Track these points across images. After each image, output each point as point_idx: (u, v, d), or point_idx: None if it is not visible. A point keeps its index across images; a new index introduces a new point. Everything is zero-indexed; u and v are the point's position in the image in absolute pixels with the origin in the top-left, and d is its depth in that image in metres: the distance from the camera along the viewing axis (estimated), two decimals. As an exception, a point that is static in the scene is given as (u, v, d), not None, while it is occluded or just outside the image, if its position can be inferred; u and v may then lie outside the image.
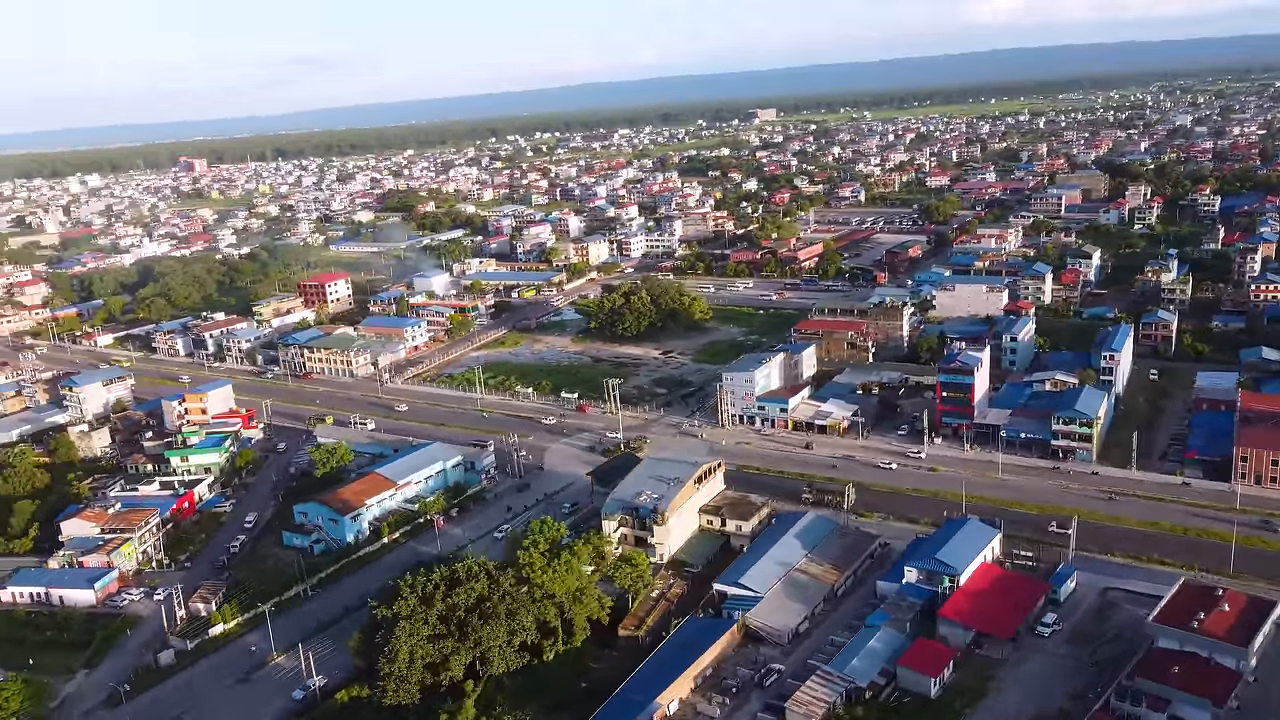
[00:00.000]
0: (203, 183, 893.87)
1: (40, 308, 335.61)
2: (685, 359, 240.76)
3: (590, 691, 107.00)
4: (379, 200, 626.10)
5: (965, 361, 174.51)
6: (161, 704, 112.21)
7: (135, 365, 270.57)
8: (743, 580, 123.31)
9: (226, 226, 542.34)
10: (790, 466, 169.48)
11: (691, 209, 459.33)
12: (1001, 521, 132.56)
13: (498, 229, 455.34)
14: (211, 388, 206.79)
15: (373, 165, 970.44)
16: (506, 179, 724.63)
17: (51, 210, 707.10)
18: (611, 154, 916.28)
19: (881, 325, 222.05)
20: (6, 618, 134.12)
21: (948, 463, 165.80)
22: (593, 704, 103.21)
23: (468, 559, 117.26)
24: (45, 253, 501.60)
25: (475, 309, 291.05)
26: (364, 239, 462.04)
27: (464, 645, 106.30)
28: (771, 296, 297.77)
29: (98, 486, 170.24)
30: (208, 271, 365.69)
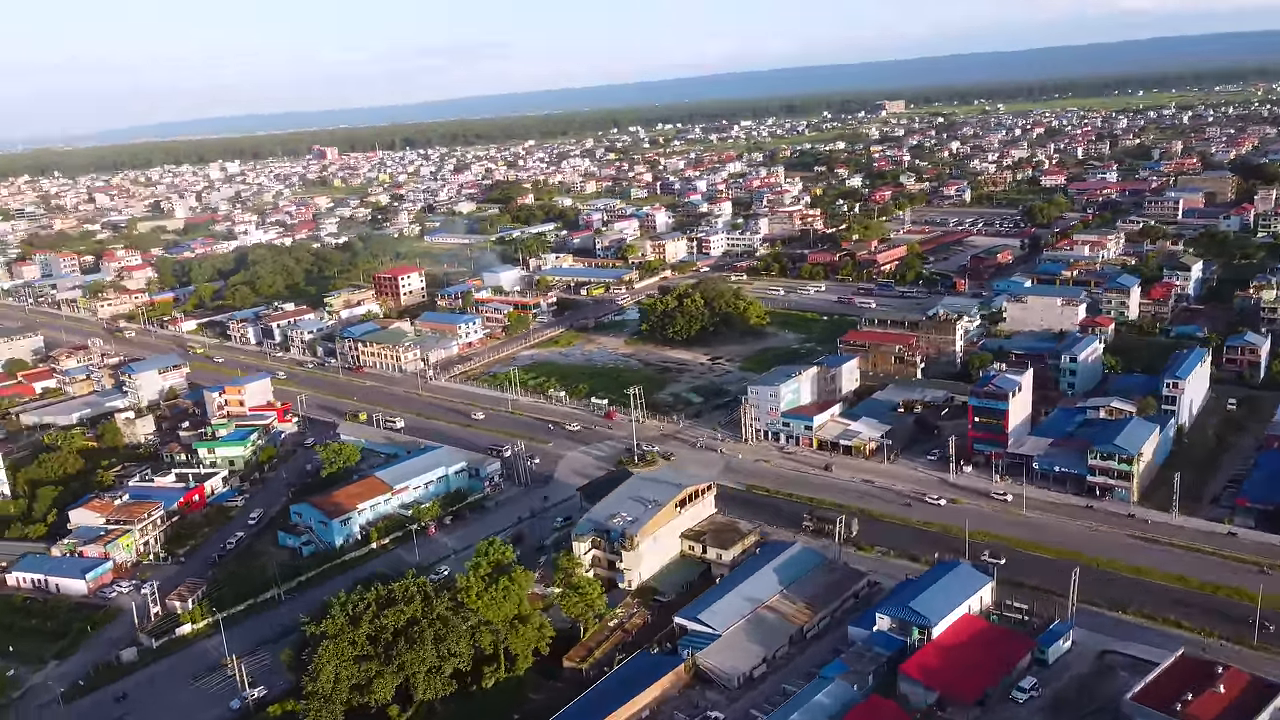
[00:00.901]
0: (330, 170, 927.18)
1: (140, 292, 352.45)
2: (732, 366, 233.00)
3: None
4: (483, 191, 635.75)
5: (1000, 385, 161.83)
6: (103, 705, 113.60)
7: (208, 352, 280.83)
8: (702, 615, 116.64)
9: (335, 215, 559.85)
10: (802, 489, 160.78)
11: (783, 206, 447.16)
12: (995, 568, 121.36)
13: (587, 223, 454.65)
14: (250, 380, 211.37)
15: (491, 155, 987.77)
16: (614, 171, 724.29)
17: (186, 195, 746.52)
18: (724, 147, 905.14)
19: (933, 339, 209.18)
20: (5, 603, 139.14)
21: (972, 495, 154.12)
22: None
23: (410, 576, 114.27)
24: (169, 237, 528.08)
25: (537, 306, 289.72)
26: (457, 230, 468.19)
27: (388, 669, 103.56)
28: (840, 302, 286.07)
29: (124, 475, 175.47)
30: (296, 261, 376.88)
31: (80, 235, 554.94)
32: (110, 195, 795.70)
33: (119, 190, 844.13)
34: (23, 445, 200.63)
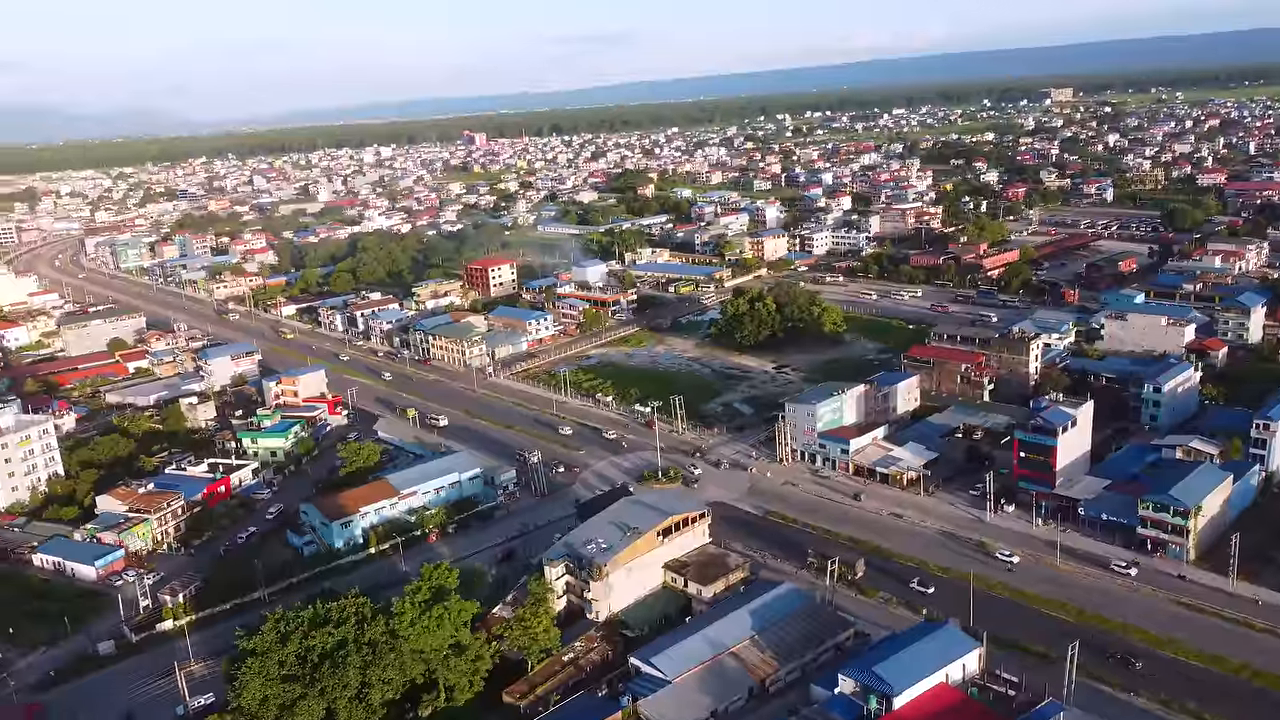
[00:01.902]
0: (474, 156, 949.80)
1: (254, 275, 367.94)
2: (796, 375, 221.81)
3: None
4: (609, 180, 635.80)
5: (1049, 419, 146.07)
6: (66, 697, 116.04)
7: (296, 337, 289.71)
8: (655, 659, 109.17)
9: (460, 202, 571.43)
10: (822, 520, 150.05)
11: (903, 203, 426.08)
12: (985, 632, 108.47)
13: (699, 215, 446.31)
14: (304, 371, 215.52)
15: (631, 143, 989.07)
16: (745, 162, 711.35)
17: (334, 179, 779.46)
18: (866, 137, 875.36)
19: (1004, 358, 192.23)
20: (26, 583, 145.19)
21: (1008, 537, 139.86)
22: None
23: (350, 595, 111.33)
24: (306, 220, 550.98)
25: (616, 304, 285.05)
26: (569, 220, 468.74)
27: (312, 692, 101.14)
28: (934, 309, 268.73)
29: (167, 461, 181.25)
30: (402, 249, 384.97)
31: (228, 217, 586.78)
32: (268, 178, 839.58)
33: (277, 173, 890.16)
34: (97, 424, 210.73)
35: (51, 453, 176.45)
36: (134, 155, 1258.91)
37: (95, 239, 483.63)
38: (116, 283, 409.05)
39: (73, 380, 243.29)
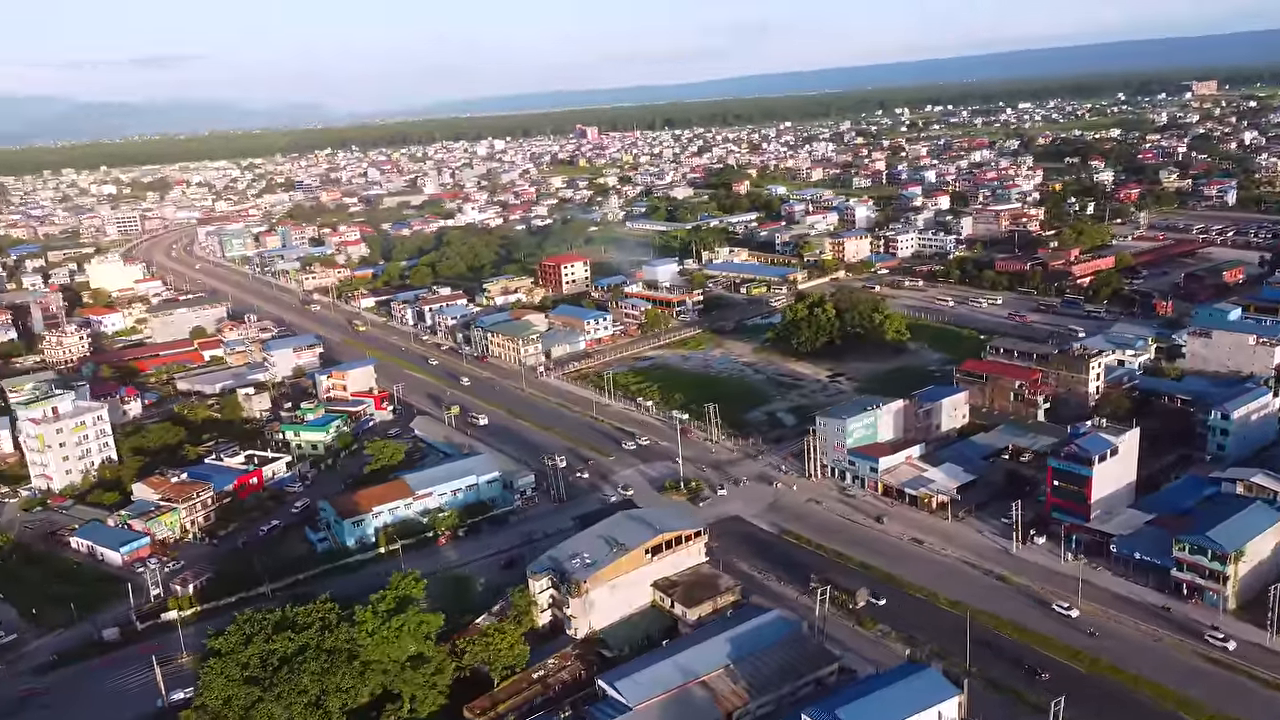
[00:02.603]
0: (582, 151, 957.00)
1: (342, 267, 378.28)
2: (850, 385, 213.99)
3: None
4: (707, 176, 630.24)
5: (1084, 446, 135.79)
6: (59, 681, 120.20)
7: (370, 330, 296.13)
8: (620, 683, 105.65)
9: (556, 196, 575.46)
10: (838, 542, 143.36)
11: (1000, 203, 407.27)
12: (968, 681, 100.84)
13: (788, 214, 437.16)
14: (353, 366, 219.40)
15: (739, 138, 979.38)
16: (850, 158, 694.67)
17: (443, 172, 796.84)
18: (982, 132, 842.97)
19: (1063, 376, 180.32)
20: (60, 565, 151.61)
21: (1031, 571, 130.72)
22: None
23: (319, 602, 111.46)
24: (410, 213, 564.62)
25: (681, 304, 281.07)
26: (657, 217, 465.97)
27: (269, 696, 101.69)
28: (1011, 318, 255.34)
29: (211, 451, 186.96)
30: (485, 244, 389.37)
31: (335, 208, 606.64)
32: (382, 170, 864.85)
33: (392, 165, 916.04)
34: (162, 411, 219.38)
35: (105, 438, 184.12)
36: (266, 147, 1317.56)
37: (206, 228, 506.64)
38: (220, 271, 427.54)
39: (151, 366, 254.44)
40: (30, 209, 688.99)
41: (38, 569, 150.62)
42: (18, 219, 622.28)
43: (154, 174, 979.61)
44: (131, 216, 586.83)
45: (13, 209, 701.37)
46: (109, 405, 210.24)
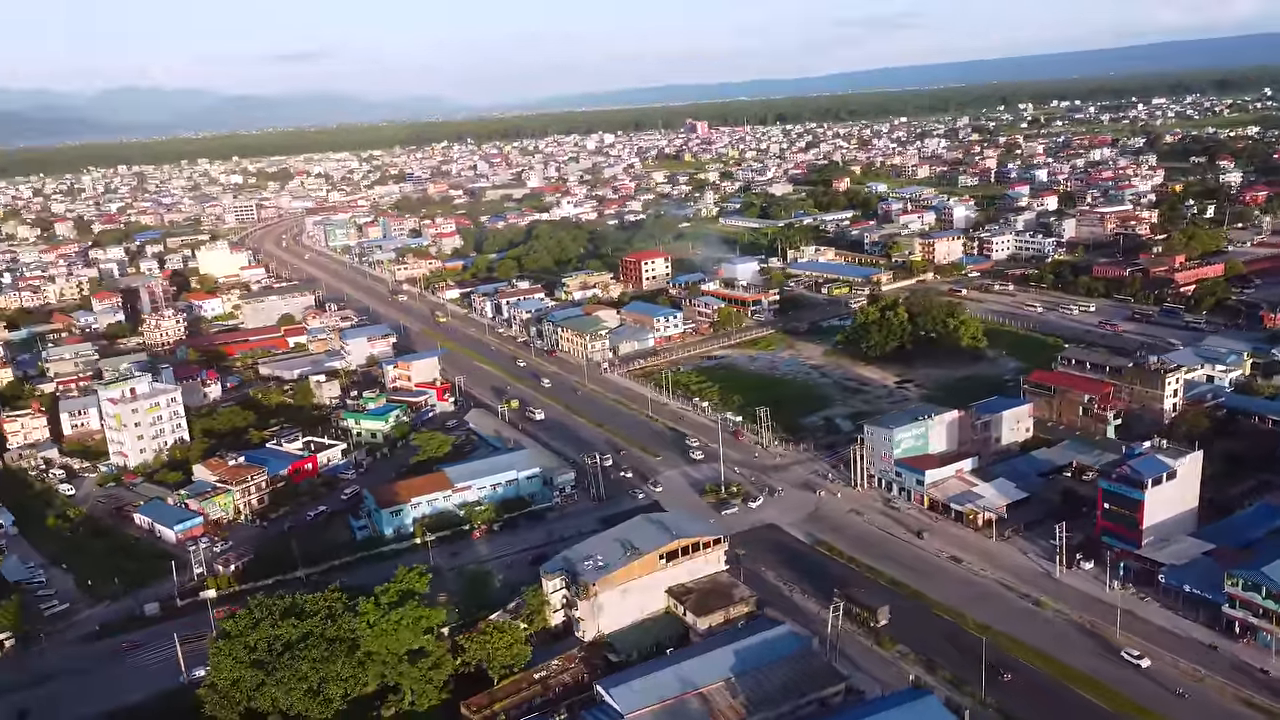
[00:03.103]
0: (689, 145, 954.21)
1: (433, 258, 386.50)
2: (918, 392, 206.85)
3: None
4: (809, 172, 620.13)
5: (1137, 468, 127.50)
6: (88, 651, 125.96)
7: (450, 321, 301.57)
8: (615, 690, 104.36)
9: (654, 191, 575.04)
10: (871, 556, 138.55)
11: (1114, 204, 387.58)
12: (967, 710, 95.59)
13: (884, 213, 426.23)
14: (418, 357, 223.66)
15: (850, 133, 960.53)
16: (961, 155, 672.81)
17: (549, 165, 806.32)
18: (1107, 129, 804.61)
19: (1136, 391, 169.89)
20: (119, 540, 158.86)
21: (1070, 597, 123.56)
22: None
23: (329, 591, 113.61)
24: (510, 205, 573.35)
25: (757, 304, 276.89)
26: (750, 214, 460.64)
27: (270, 680, 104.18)
28: (1102, 326, 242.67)
29: (275, 436, 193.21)
30: (573, 238, 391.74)
31: (440, 200, 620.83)
32: (492, 163, 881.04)
33: (502, 158, 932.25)
34: (239, 394, 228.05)
35: (179, 419, 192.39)
36: (388, 139, 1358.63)
37: (313, 218, 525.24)
38: (322, 260, 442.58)
39: (239, 351, 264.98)
40: (162, 197, 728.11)
41: (101, 542, 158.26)
42: (148, 206, 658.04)
43: (279, 164, 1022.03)
44: (248, 206, 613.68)
45: (146, 196, 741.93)
46: (190, 388, 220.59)
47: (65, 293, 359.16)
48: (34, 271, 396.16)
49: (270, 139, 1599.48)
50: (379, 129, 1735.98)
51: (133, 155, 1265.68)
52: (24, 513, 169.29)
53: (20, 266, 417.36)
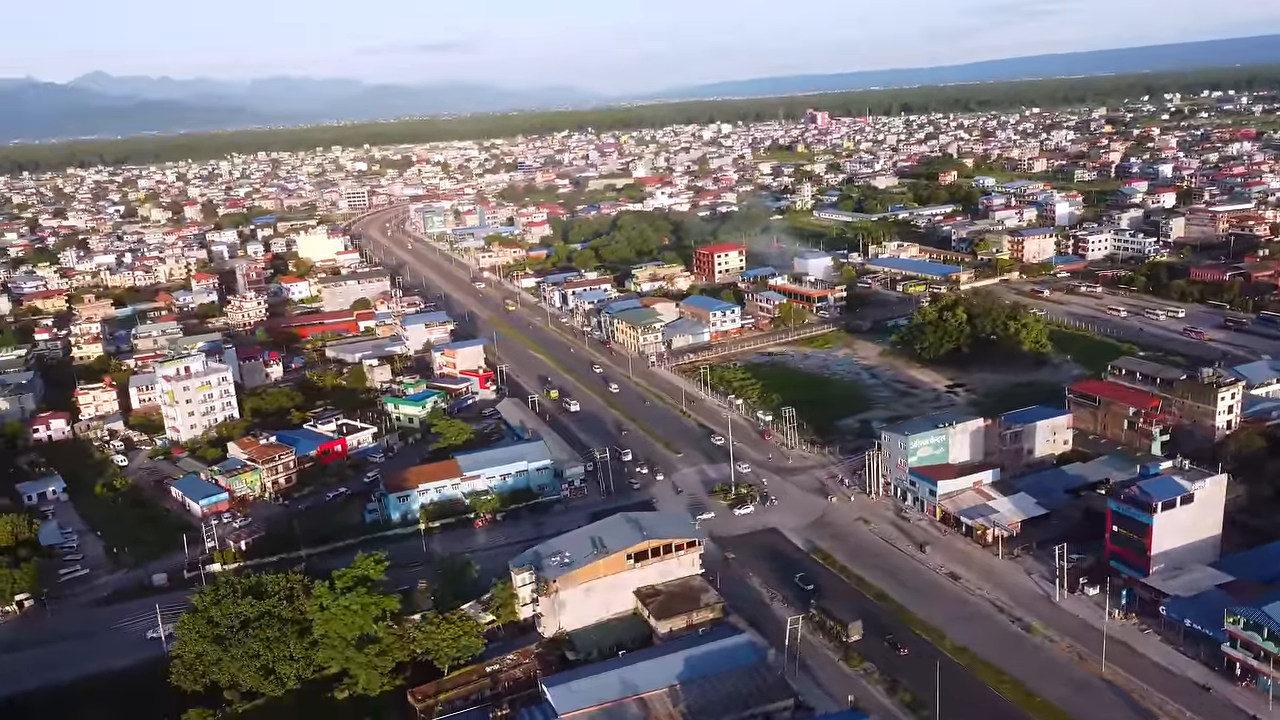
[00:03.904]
0: (805, 136, 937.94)
1: (518, 246, 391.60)
2: (968, 397, 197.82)
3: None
4: (918, 164, 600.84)
5: (1146, 490, 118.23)
6: (89, 616, 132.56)
7: (519, 310, 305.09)
8: (555, 690, 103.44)
9: (755, 182, 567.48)
10: (864, 567, 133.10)
11: (1237, 202, 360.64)
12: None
13: (985, 207, 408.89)
14: (463, 345, 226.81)
15: (974, 124, 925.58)
16: (1085, 148, 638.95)
17: (659, 155, 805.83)
18: (1254, 122, 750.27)
19: (1186, 406, 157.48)
20: (151, 511, 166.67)
21: (1065, 624, 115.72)
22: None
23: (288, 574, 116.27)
24: (611, 195, 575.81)
25: (823, 300, 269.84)
26: (844, 207, 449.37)
27: (227, 655, 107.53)
28: (1186, 334, 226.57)
29: (316, 416, 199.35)
30: (655, 229, 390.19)
31: (545, 189, 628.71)
32: (604, 152, 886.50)
33: (615, 148, 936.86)
34: (297, 376, 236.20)
35: (229, 398, 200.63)
36: (513, 128, 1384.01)
37: (416, 205, 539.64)
38: (419, 247, 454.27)
39: (311, 334, 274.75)
40: (287, 183, 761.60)
41: (137, 512, 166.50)
42: (273, 191, 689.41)
43: (406, 151, 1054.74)
44: (359, 192, 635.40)
45: (273, 182, 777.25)
46: (252, 368, 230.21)
47: (174, 273, 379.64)
48: (152, 252, 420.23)
49: (403, 127, 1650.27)
50: (508, 118, 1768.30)
51: (276, 142, 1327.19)
52: (78, 481, 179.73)
53: (142, 247, 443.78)
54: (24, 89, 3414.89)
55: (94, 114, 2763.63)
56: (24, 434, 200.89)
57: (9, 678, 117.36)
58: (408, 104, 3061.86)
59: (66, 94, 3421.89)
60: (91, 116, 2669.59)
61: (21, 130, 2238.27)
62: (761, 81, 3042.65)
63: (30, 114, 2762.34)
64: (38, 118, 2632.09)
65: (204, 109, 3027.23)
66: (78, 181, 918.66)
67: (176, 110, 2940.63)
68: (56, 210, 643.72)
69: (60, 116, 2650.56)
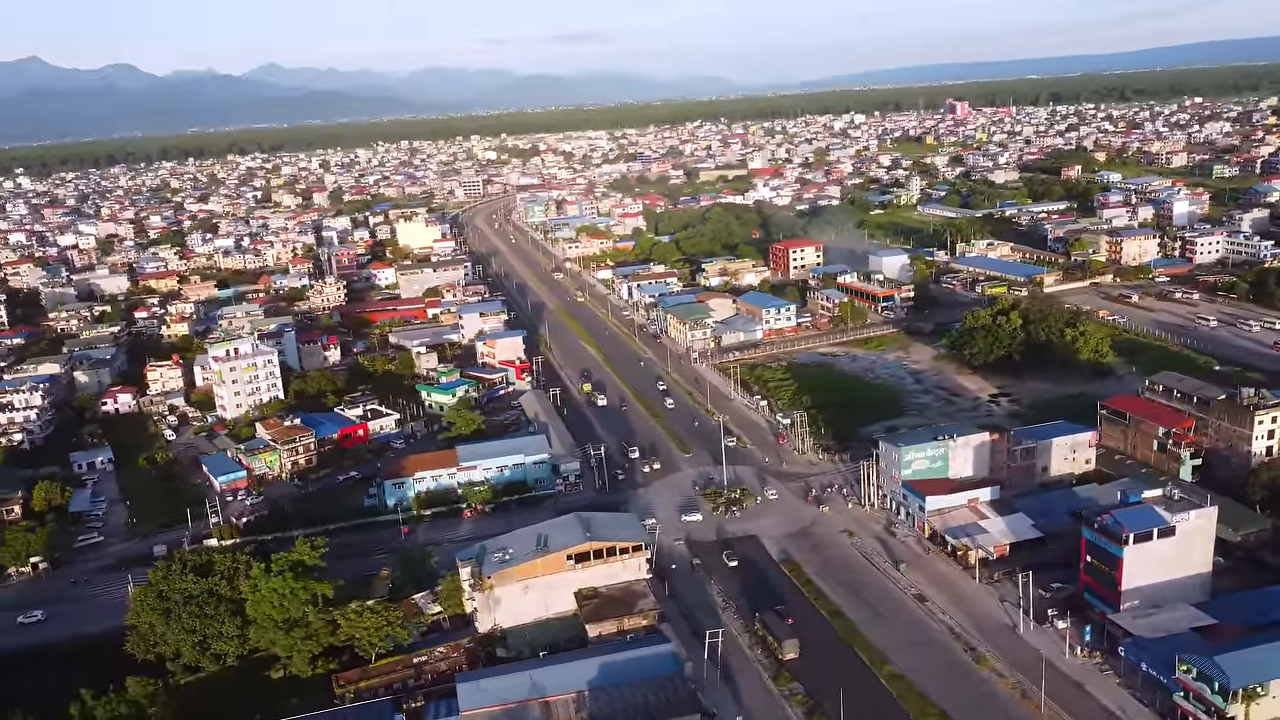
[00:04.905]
0: (938, 126, 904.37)
1: (603, 237, 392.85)
2: (1011, 408, 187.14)
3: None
4: (1043, 156, 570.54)
5: (1118, 520, 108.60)
6: (96, 581, 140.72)
7: (586, 302, 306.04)
8: (464, 686, 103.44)
9: (866, 175, 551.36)
10: (832, 584, 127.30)
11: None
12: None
13: (1101, 204, 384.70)
14: (504, 335, 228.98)
15: (1123, 115, 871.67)
16: (1238, 141, 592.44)
17: (780, 147, 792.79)
18: None
19: (1222, 429, 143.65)
20: (182, 485, 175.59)
21: (1018, 658, 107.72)
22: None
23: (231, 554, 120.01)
24: (720, 187, 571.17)
25: (889, 299, 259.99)
26: (948, 202, 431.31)
27: (168, 630, 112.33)
28: (1277, 348, 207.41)
29: (352, 399, 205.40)
30: (742, 223, 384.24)
31: (657, 180, 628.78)
32: (729, 143, 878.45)
33: (742, 139, 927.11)
34: (351, 360, 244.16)
35: (274, 379, 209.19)
36: (648, 117, 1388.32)
37: (523, 195, 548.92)
38: (519, 237, 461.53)
39: (380, 319, 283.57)
40: (416, 171, 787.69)
41: (167, 485, 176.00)
42: (401, 180, 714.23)
43: (537, 141, 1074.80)
44: (475, 182, 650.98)
45: (404, 170, 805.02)
46: (311, 351, 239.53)
47: (280, 257, 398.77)
48: (268, 237, 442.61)
49: (546, 117, 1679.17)
50: (650, 107, 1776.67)
51: (421, 131, 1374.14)
52: (126, 453, 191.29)
53: (263, 232, 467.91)
54: (204, 81, 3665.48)
55: (265, 104, 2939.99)
56: (93, 406, 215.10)
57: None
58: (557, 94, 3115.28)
59: (241, 85, 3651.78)
60: (263, 106, 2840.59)
61: (198, 119, 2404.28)
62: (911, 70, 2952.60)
63: (208, 104, 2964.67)
64: (214, 107, 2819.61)
65: (364, 99, 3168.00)
66: (233, 167, 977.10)
67: (339, 100, 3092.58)
68: (203, 195, 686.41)
69: (234, 106, 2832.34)
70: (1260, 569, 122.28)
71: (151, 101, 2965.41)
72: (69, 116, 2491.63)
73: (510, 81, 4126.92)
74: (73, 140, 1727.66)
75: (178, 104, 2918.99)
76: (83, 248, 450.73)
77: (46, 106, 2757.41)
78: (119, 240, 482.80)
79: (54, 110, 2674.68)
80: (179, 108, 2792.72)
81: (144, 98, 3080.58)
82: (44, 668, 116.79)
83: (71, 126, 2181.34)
